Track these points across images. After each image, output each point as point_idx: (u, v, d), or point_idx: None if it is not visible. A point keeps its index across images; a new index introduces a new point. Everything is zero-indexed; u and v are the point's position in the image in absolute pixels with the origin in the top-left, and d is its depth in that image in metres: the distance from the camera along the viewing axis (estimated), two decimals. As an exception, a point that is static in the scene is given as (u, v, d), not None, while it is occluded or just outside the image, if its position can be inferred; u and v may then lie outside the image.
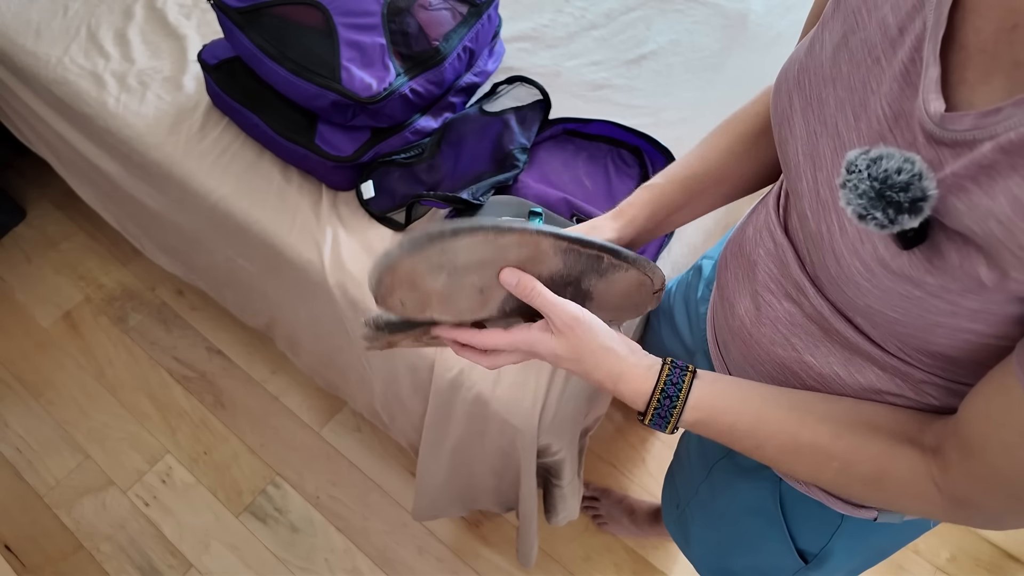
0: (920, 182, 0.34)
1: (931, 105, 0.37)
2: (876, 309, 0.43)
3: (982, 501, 0.42)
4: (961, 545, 1.33)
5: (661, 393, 0.51)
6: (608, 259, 0.55)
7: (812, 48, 0.46)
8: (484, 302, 0.55)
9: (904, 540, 0.66)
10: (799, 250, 0.52)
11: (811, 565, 0.67)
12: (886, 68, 0.40)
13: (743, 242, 0.59)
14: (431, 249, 0.50)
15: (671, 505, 0.88)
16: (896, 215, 0.35)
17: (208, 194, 1.07)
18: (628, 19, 1.25)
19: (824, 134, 0.44)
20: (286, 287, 1.10)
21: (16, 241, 1.75)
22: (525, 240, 0.52)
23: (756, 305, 0.56)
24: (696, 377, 0.52)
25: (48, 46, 1.23)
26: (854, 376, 0.50)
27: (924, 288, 0.38)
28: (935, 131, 0.36)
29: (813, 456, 0.49)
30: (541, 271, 0.54)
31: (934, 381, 0.46)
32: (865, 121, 0.41)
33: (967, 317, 0.38)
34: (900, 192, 0.35)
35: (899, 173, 0.35)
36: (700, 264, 0.82)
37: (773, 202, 0.56)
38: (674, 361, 0.53)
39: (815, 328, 0.51)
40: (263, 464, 1.44)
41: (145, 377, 1.55)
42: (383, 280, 0.51)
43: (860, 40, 0.42)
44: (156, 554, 1.34)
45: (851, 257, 0.41)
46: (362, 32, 0.96)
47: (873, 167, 0.35)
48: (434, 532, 1.36)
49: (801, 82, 0.46)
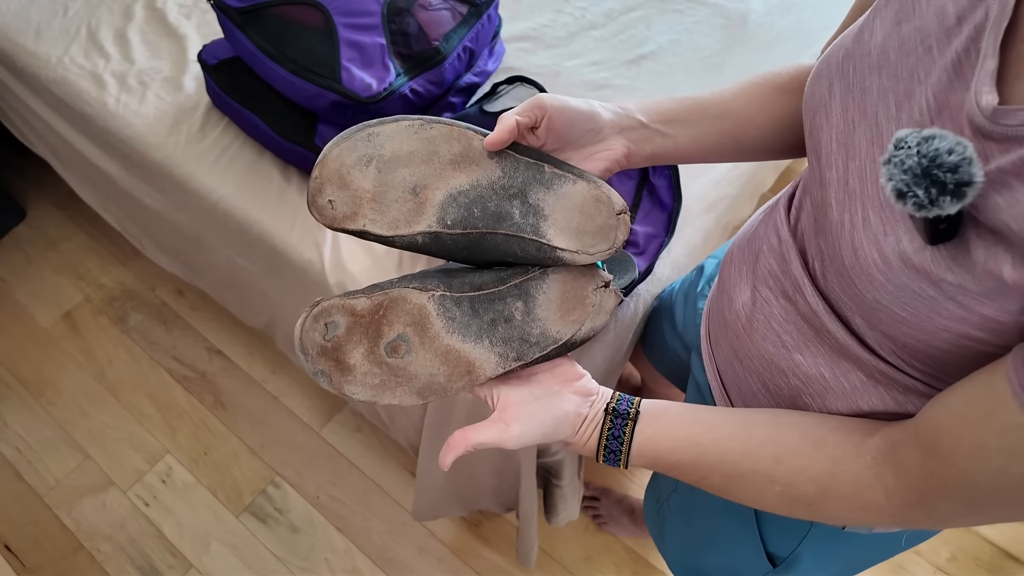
0: (969, 167, 0.34)
1: (984, 98, 0.36)
2: (884, 305, 0.42)
3: (937, 504, 0.42)
4: (961, 545, 1.33)
5: (605, 449, 0.53)
6: (549, 169, 0.53)
7: (861, 35, 0.45)
8: (419, 208, 0.53)
9: (881, 556, 0.66)
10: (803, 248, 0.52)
11: (779, 569, 0.67)
12: (937, 58, 0.39)
13: (752, 238, 0.60)
14: (357, 137, 0.50)
15: (652, 500, 0.88)
16: (938, 196, 0.34)
17: (208, 194, 1.07)
18: (628, 19, 1.25)
19: (863, 123, 0.43)
20: (286, 287, 1.10)
21: (16, 241, 1.75)
22: (455, 134, 0.51)
23: (753, 300, 0.56)
24: (639, 421, 0.53)
25: (48, 46, 1.23)
26: (838, 379, 0.50)
27: (940, 288, 0.37)
28: (984, 124, 0.36)
29: (755, 482, 0.50)
30: (479, 178, 0.53)
31: (917, 388, 0.46)
32: (907, 111, 0.40)
33: (976, 325, 0.38)
34: (948, 172, 0.34)
35: (950, 154, 0.34)
36: (703, 263, 0.82)
37: (785, 201, 0.56)
38: (616, 408, 0.54)
39: (807, 327, 0.51)
40: (263, 464, 1.44)
41: (145, 377, 1.55)
42: (313, 176, 0.51)
43: (913, 28, 0.41)
44: (156, 554, 1.34)
45: (870, 247, 0.41)
46: (362, 32, 0.96)
47: (924, 145, 0.34)
48: (434, 532, 1.36)
49: (845, 69, 0.45)
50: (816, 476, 0.47)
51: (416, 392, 0.54)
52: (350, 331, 0.52)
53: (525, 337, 0.54)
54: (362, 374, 0.53)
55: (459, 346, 0.53)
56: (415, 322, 0.53)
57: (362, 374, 0.53)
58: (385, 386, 0.54)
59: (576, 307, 0.55)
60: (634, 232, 0.95)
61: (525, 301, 0.54)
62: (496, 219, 0.53)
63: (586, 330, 0.55)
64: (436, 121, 0.51)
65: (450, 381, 0.54)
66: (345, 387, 0.53)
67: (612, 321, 0.90)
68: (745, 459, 0.50)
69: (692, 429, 0.53)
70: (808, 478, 0.47)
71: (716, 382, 0.65)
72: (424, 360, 0.53)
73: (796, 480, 0.48)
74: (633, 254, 0.93)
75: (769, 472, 0.49)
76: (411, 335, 0.53)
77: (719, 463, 0.51)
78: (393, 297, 0.53)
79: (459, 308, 0.53)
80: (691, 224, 1.01)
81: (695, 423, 0.53)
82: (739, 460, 0.50)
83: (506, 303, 0.54)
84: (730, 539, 0.71)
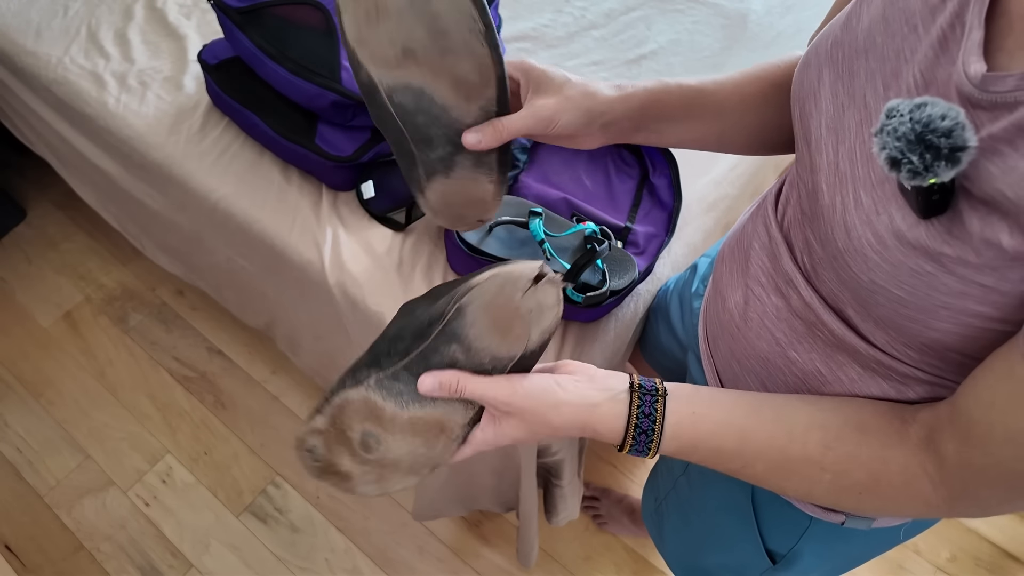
0: (963, 132, 0.33)
1: (972, 67, 0.36)
2: (880, 287, 0.41)
3: (980, 492, 0.41)
4: (961, 544, 1.33)
5: (636, 428, 0.48)
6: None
7: (848, 22, 0.45)
8: (387, 64, 0.52)
9: (880, 549, 0.66)
10: (792, 243, 0.52)
11: (779, 566, 0.67)
12: (923, 36, 0.40)
13: (741, 236, 0.60)
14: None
15: (650, 499, 0.88)
16: (933, 161, 0.34)
17: (208, 194, 1.07)
18: (628, 19, 1.25)
19: (851, 106, 0.43)
20: (286, 287, 1.10)
21: (16, 241, 1.76)
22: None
23: (745, 299, 0.56)
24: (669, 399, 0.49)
25: (48, 46, 1.23)
26: (835, 373, 0.50)
27: (939, 261, 0.37)
28: (973, 93, 0.36)
29: (805, 471, 0.47)
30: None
31: (917, 376, 0.45)
32: (895, 91, 0.40)
33: (976, 298, 0.37)
34: (942, 137, 0.33)
35: (943, 119, 0.34)
36: (697, 262, 0.82)
37: (772, 198, 0.56)
38: (642, 385, 0.49)
39: (800, 323, 0.51)
40: (263, 464, 1.44)
41: (145, 377, 1.55)
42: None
43: (899, 10, 0.42)
44: (156, 554, 1.34)
45: (863, 228, 0.40)
46: (362, 32, 0.96)
47: (916, 111, 0.34)
48: (434, 532, 1.36)
49: (834, 56, 0.45)
50: (867, 463, 0.45)
51: (410, 472, 0.55)
52: (328, 447, 0.54)
53: (478, 370, 0.50)
54: (359, 476, 0.55)
55: (420, 414, 0.52)
56: (370, 415, 0.52)
57: (359, 476, 0.55)
58: (383, 478, 0.55)
59: (512, 322, 0.49)
60: (634, 232, 0.95)
61: (459, 342, 0.49)
62: (423, 139, 0.54)
63: (536, 337, 0.50)
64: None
65: (431, 449, 0.53)
66: (357, 490, 0.55)
67: (612, 322, 0.90)
68: (793, 445, 0.46)
69: (732, 411, 0.49)
70: (860, 464, 0.45)
71: (715, 382, 0.65)
72: (397, 443, 0.53)
73: (848, 468, 0.45)
74: (633, 254, 0.93)
75: (820, 459, 0.46)
76: (372, 428, 0.53)
77: (765, 449, 0.47)
78: (338, 404, 0.52)
79: (400, 381, 0.51)
80: (691, 224, 1.01)
81: (734, 406, 0.49)
82: (786, 446, 0.47)
83: (440, 353, 0.50)
84: (729, 537, 0.71)
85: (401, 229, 0.99)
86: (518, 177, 0.99)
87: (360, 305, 0.95)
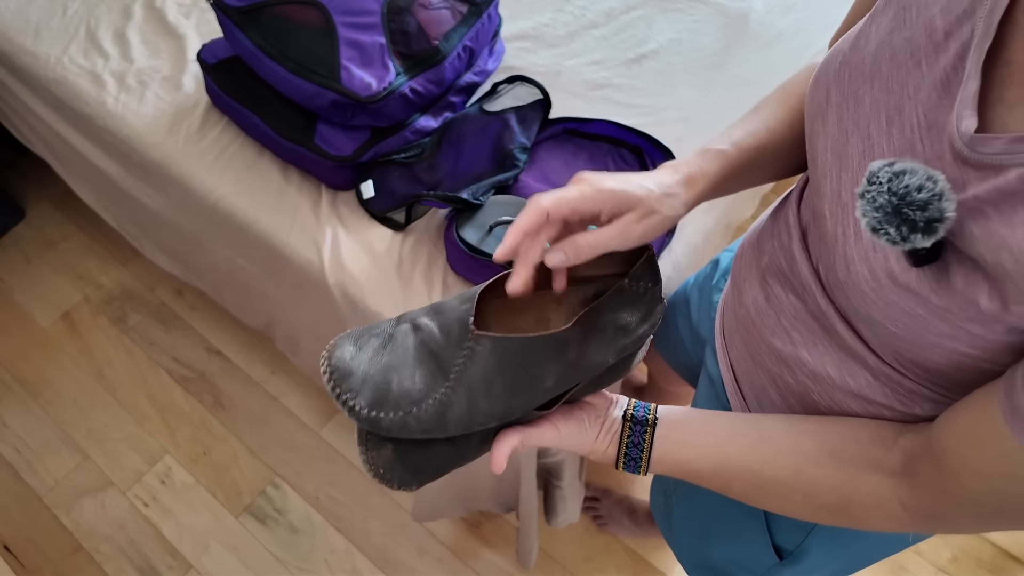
0: (939, 202, 0.34)
1: (964, 123, 0.36)
2: (877, 320, 0.42)
3: (949, 516, 0.43)
4: (962, 545, 1.32)
5: (625, 456, 0.53)
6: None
7: (857, 41, 0.45)
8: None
9: (888, 551, 0.66)
10: (810, 250, 0.51)
11: (786, 561, 0.67)
12: (926, 74, 0.39)
13: (762, 233, 0.59)
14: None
15: (659, 492, 0.88)
16: (909, 233, 0.34)
17: (207, 194, 1.06)
18: (628, 18, 1.25)
19: (856, 134, 0.43)
20: (286, 287, 1.09)
21: (15, 241, 1.75)
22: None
23: (764, 295, 0.56)
24: (658, 427, 0.52)
25: (47, 46, 1.23)
26: (845, 379, 0.50)
27: (927, 307, 0.38)
28: (963, 151, 0.36)
29: (778, 491, 0.50)
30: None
31: (924, 393, 0.46)
32: (898, 127, 0.40)
33: (965, 342, 0.38)
34: (917, 211, 0.34)
35: (920, 191, 0.34)
36: (719, 257, 0.82)
37: (796, 197, 0.56)
38: (634, 415, 0.53)
39: (816, 325, 0.51)
40: (263, 465, 1.44)
41: (144, 377, 1.55)
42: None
43: (904, 39, 0.41)
44: (155, 555, 1.34)
45: (861, 264, 0.41)
46: (362, 31, 0.96)
47: (894, 181, 0.35)
48: (434, 533, 1.35)
49: (842, 76, 0.45)
50: (836, 487, 0.47)
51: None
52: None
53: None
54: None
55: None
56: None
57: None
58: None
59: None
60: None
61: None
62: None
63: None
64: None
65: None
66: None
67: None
68: (766, 469, 0.50)
69: (713, 438, 0.53)
70: (829, 488, 0.47)
71: (729, 376, 0.66)
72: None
73: (817, 490, 0.48)
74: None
75: (789, 481, 0.49)
76: None
77: (740, 471, 0.51)
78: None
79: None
80: (691, 224, 1.01)
81: (717, 430, 0.53)
82: (760, 469, 0.50)
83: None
84: (737, 531, 0.71)
85: (401, 229, 0.99)
86: (518, 177, 0.99)
87: (360, 305, 0.95)
